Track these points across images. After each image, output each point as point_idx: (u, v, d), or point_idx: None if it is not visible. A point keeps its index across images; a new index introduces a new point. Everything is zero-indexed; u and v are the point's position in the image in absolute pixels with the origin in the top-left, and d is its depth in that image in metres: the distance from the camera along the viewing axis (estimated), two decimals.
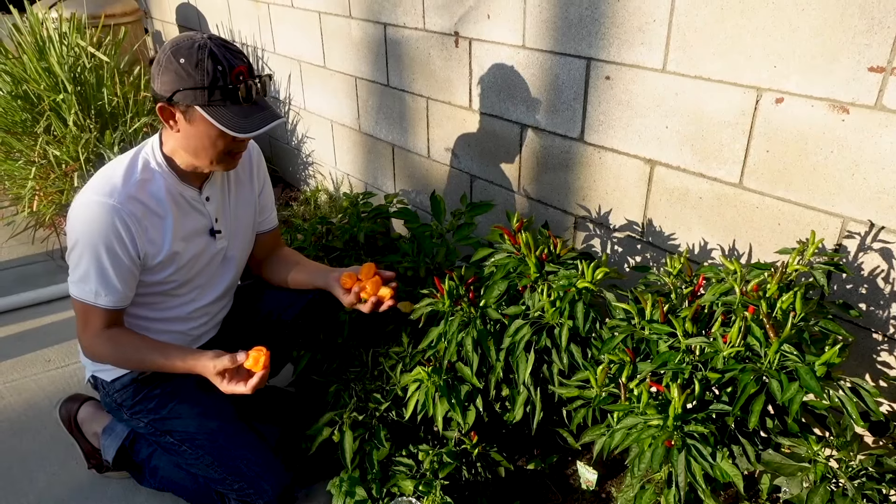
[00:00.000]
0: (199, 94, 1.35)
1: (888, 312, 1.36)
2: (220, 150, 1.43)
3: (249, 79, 1.39)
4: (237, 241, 1.69)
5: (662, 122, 1.60)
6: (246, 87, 1.37)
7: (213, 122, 1.35)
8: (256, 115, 1.39)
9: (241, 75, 1.37)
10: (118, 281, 1.44)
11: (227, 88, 1.35)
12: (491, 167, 2.16)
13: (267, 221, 1.79)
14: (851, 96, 1.27)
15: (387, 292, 1.55)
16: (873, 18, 1.20)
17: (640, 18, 1.56)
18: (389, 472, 1.62)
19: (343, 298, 1.57)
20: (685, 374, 1.21)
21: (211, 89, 1.34)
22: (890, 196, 1.28)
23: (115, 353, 1.50)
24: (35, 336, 2.41)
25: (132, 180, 1.44)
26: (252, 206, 1.71)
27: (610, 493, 1.68)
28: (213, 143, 1.41)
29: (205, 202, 1.56)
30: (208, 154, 1.44)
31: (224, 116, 1.36)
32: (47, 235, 3.02)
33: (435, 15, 2.13)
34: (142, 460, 1.71)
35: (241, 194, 1.68)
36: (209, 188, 1.57)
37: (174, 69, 1.35)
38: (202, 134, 1.40)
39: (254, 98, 1.39)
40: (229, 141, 1.42)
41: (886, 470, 1.10)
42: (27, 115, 2.87)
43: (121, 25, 3.66)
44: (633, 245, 1.81)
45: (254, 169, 1.71)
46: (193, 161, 1.47)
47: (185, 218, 1.53)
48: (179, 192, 1.51)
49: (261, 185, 1.74)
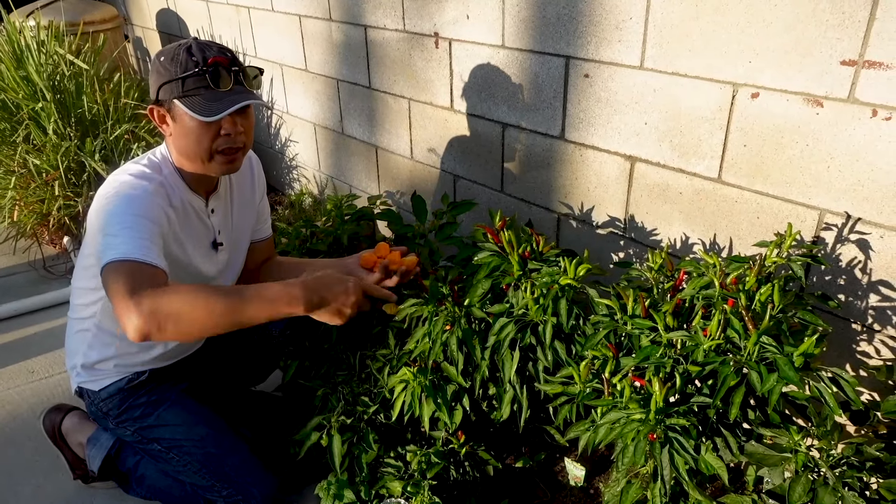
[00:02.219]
0: (176, 86, 1.35)
1: (866, 302, 1.38)
2: (206, 146, 1.40)
3: (226, 68, 1.37)
4: (237, 253, 1.69)
5: (641, 119, 1.61)
6: (219, 73, 1.35)
7: (185, 109, 1.35)
8: (228, 98, 1.36)
9: (219, 65, 1.36)
10: (160, 241, 1.32)
11: (198, 75, 1.34)
12: (474, 167, 2.16)
13: (263, 230, 1.79)
14: (825, 90, 1.29)
15: (413, 259, 1.56)
16: (844, 13, 1.21)
17: (616, 16, 1.57)
18: (378, 474, 1.62)
19: (368, 278, 1.54)
20: (667, 367, 1.22)
21: (185, 79, 1.34)
22: (865, 188, 1.29)
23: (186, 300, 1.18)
24: (18, 347, 2.38)
25: (155, 180, 1.42)
26: (252, 216, 1.71)
27: (598, 489, 1.69)
28: (197, 138, 1.39)
29: (210, 214, 1.56)
30: (197, 152, 1.41)
31: (195, 103, 1.35)
32: (29, 245, 2.99)
33: (415, 16, 2.13)
34: (128, 469, 1.70)
35: (243, 205, 1.67)
36: (214, 200, 1.56)
37: (157, 68, 1.38)
38: (187, 130, 1.39)
39: (231, 86, 1.37)
40: (213, 134, 1.39)
41: (867, 458, 1.11)
42: (6, 124, 2.84)
43: (100, 32, 3.63)
44: (615, 241, 1.82)
45: (255, 178, 1.71)
46: (190, 164, 1.45)
47: (192, 228, 1.52)
48: (189, 202, 1.50)
49: (261, 193, 1.74)
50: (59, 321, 2.48)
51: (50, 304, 2.60)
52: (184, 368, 1.71)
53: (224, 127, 1.39)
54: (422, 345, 1.55)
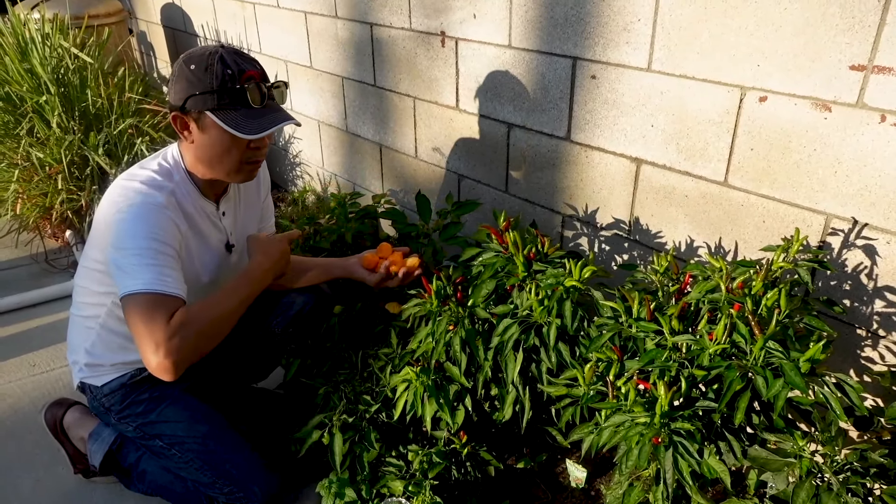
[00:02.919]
0: (209, 98, 1.34)
1: (871, 308, 1.38)
2: (237, 158, 1.41)
3: (261, 83, 1.37)
4: (245, 253, 1.69)
5: (648, 121, 1.61)
6: (257, 90, 1.35)
7: (222, 124, 1.34)
8: (266, 116, 1.37)
9: (252, 80, 1.36)
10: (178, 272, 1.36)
11: (236, 90, 1.34)
12: (478, 167, 2.16)
13: (267, 227, 1.79)
14: (833, 94, 1.28)
15: (415, 261, 1.56)
16: (854, 17, 1.21)
17: (624, 18, 1.56)
18: (379, 473, 1.62)
19: (369, 278, 1.55)
20: (672, 371, 1.22)
21: (220, 92, 1.33)
22: (872, 193, 1.29)
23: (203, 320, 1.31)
24: (19, 340, 2.38)
25: (167, 189, 1.41)
26: (257, 215, 1.72)
27: (599, 491, 1.68)
28: (227, 149, 1.39)
29: (221, 217, 1.56)
30: (224, 163, 1.42)
31: (233, 119, 1.34)
32: (31, 239, 2.99)
33: (421, 15, 2.13)
34: (129, 465, 1.69)
35: (249, 204, 1.68)
36: (225, 203, 1.56)
37: (186, 76, 1.35)
38: (215, 141, 1.38)
39: (265, 103, 1.38)
40: (243, 147, 1.40)
41: (871, 464, 1.11)
42: (9, 117, 2.83)
43: (104, 26, 3.62)
44: (620, 243, 1.81)
45: (261, 177, 1.71)
46: (211, 173, 1.45)
47: (206, 234, 1.52)
48: (201, 207, 1.50)
49: (266, 192, 1.74)
50: (61, 315, 2.48)
51: (52, 297, 2.60)
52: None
53: (255, 142, 1.40)
54: (425, 344, 1.55)
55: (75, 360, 1.64)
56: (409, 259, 1.57)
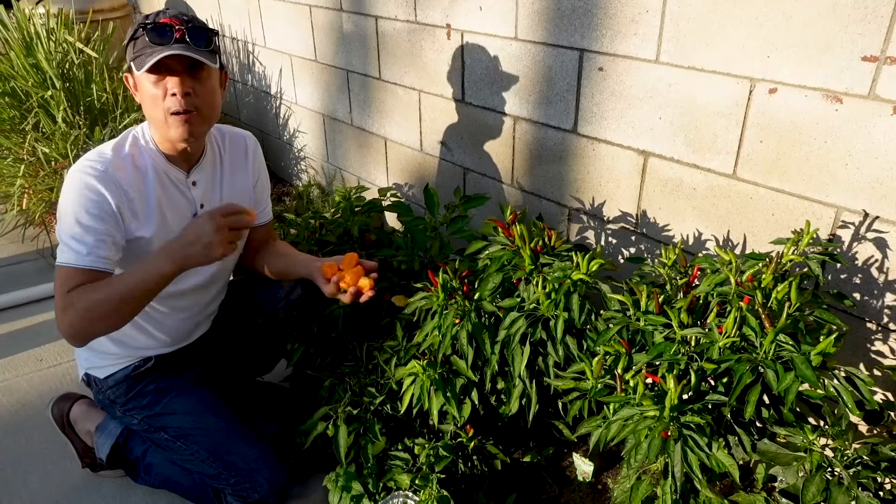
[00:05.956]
0: (130, 49, 1.37)
1: (882, 302, 1.37)
2: (161, 109, 1.38)
3: (171, 26, 1.34)
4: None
5: (656, 114, 1.60)
6: (155, 28, 1.33)
7: (131, 65, 1.36)
8: (165, 50, 1.32)
9: (164, 24, 1.34)
10: (99, 243, 1.36)
11: (141, 35, 1.34)
12: (484, 160, 2.15)
13: (262, 214, 1.77)
14: (845, 86, 1.27)
15: (366, 283, 1.48)
16: (866, 7, 1.20)
17: (632, 9, 1.55)
18: (385, 467, 1.62)
19: (324, 288, 1.51)
20: (681, 364, 1.21)
21: (133, 38, 1.36)
22: (883, 186, 1.28)
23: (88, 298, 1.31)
24: (26, 335, 2.39)
25: (122, 153, 1.44)
26: (247, 196, 1.68)
27: (606, 485, 1.68)
28: (150, 98, 1.38)
29: (190, 186, 1.54)
30: (154, 118, 1.41)
31: (140, 62, 1.34)
32: (37, 234, 2.99)
33: (426, 7, 2.11)
34: (136, 458, 1.70)
35: (236, 182, 1.65)
36: (197, 173, 1.55)
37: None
38: (142, 94, 1.40)
39: (172, 43, 1.33)
40: (161, 93, 1.37)
41: (881, 458, 1.10)
42: (15, 112, 2.83)
43: (109, 21, 3.62)
44: (627, 236, 1.80)
45: (249, 156, 1.68)
46: (157, 133, 1.46)
47: (168, 198, 1.50)
48: (165, 171, 1.49)
49: (256, 175, 1.71)
50: None
51: None
52: (190, 356, 1.70)
53: (168, 86, 1.36)
54: (431, 338, 1.55)
55: (79, 352, 1.64)
56: (362, 280, 1.50)
